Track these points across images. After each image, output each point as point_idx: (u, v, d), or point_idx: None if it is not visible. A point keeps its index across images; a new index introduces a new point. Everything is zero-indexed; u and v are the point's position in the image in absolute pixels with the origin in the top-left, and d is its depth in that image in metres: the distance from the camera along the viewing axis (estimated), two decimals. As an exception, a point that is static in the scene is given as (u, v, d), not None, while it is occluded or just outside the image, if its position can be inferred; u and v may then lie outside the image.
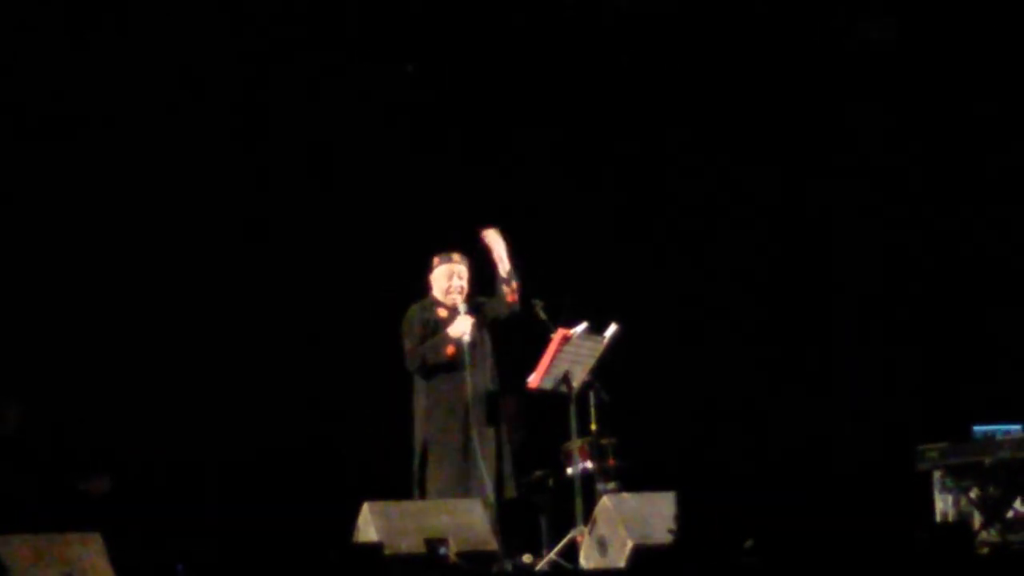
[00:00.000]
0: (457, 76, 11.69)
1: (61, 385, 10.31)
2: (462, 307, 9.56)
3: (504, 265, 9.59)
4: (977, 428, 10.23)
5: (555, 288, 9.92)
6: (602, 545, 8.95)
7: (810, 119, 12.37)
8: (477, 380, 9.51)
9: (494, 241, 9.62)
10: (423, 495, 9.37)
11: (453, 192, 11.37)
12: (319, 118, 11.31)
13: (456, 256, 9.69)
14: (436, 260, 9.73)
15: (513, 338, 9.82)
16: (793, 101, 12.32)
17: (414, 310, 9.65)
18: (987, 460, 9.99)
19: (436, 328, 9.57)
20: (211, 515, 10.25)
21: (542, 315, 9.70)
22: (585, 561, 9.12)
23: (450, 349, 9.49)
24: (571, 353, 9.61)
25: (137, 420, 10.55)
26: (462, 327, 9.49)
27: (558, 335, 9.56)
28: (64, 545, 7.75)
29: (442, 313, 9.63)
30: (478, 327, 9.58)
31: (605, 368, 9.76)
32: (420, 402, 9.57)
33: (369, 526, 8.52)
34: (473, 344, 9.51)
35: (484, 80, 11.75)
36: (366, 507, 8.60)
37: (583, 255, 11.69)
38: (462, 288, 9.65)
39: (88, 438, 10.29)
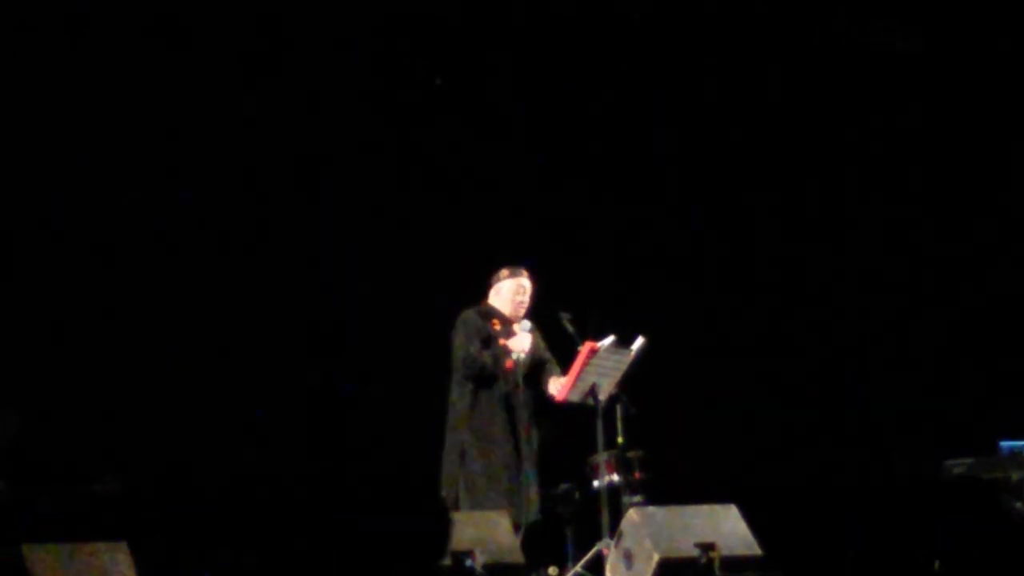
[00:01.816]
0: (489, 89, 11.72)
1: (105, 395, 10.42)
2: (526, 324, 9.58)
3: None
4: (1003, 443, 10.19)
5: (582, 301, 9.93)
6: (628, 558, 8.93)
7: (823, 129, 12.38)
8: (526, 393, 9.56)
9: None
10: (456, 501, 9.39)
11: (483, 205, 11.41)
12: (315, 126, 11.36)
13: (525, 272, 9.71)
14: (506, 272, 9.72)
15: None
16: (809, 117, 12.31)
17: (471, 315, 9.65)
18: (1014, 476, 9.95)
19: (489, 339, 9.58)
20: (236, 523, 10.27)
21: (569, 328, 9.71)
22: (611, 574, 9.11)
23: (509, 364, 9.52)
24: (598, 366, 9.59)
25: (166, 426, 10.61)
26: (523, 343, 9.52)
27: (585, 348, 9.55)
28: (91, 554, 7.76)
29: (496, 325, 9.64)
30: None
31: (632, 381, 9.75)
32: (460, 405, 9.58)
33: (395, 538, 8.53)
34: (528, 360, 9.55)
35: (514, 91, 11.78)
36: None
37: (611, 267, 11.69)
38: (526, 305, 9.67)
39: (111, 442, 10.36)
